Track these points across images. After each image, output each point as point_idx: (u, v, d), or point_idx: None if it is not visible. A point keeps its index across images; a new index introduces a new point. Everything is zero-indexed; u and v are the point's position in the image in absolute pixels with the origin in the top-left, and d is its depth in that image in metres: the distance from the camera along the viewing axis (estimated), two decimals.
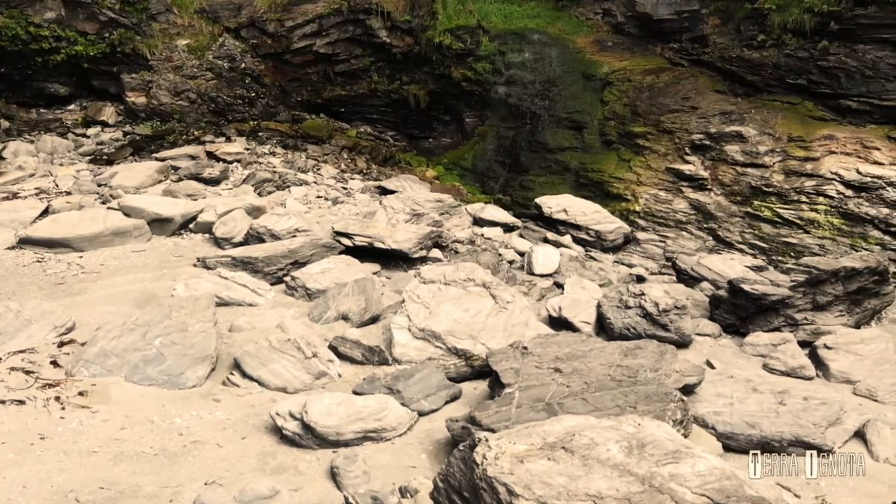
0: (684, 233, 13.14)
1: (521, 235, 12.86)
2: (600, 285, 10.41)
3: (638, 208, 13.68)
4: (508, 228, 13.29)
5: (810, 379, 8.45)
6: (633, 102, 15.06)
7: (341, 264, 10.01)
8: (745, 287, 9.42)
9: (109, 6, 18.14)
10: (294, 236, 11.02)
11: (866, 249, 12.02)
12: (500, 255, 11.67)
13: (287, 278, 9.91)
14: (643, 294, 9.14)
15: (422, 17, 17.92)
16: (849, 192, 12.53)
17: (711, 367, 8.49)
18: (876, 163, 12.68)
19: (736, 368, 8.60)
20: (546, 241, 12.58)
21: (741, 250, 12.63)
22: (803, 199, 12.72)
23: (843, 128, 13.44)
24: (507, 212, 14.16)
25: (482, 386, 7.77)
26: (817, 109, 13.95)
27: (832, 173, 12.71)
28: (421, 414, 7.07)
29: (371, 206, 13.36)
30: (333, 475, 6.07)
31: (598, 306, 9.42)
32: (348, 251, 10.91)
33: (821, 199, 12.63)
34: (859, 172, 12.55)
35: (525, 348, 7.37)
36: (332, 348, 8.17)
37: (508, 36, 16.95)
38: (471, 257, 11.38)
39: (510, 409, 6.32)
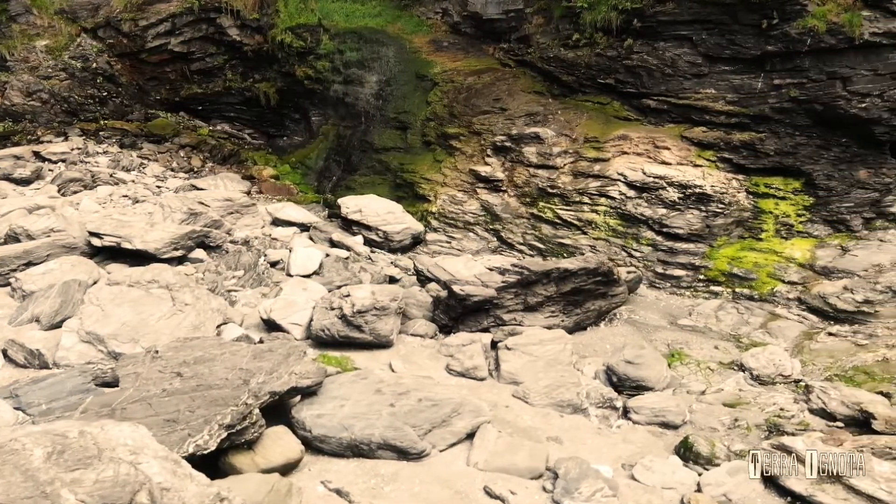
0: (471, 234, 13.11)
1: (310, 237, 12.83)
2: (336, 287, 10.34)
3: (434, 209, 13.64)
4: (305, 228, 13.25)
5: (482, 380, 8.44)
6: (452, 103, 15.02)
7: (67, 265, 9.96)
8: (455, 288, 9.40)
9: None
10: (48, 236, 10.97)
11: (636, 250, 12.01)
12: (265, 255, 11.62)
13: (12, 279, 9.88)
14: (349, 295, 9.11)
15: (269, 15, 17.86)
16: (631, 193, 12.49)
17: (392, 369, 8.48)
18: (664, 163, 12.64)
19: (420, 369, 8.58)
20: (332, 241, 12.55)
21: (521, 251, 12.61)
22: (586, 200, 12.68)
23: (641, 127, 13.39)
24: (310, 211, 14.15)
25: None
26: (623, 109, 13.91)
27: (618, 174, 12.66)
28: None
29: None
30: None
31: (314, 308, 9.39)
32: (101, 251, 10.89)
33: (603, 200, 12.59)
34: (644, 173, 12.51)
35: (156, 352, 7.35)
36: (3, 351, 8.14)
37: (348, 35, 16.91)
38: (233, 258, 11.36)
39: (73, 415, 6.30)
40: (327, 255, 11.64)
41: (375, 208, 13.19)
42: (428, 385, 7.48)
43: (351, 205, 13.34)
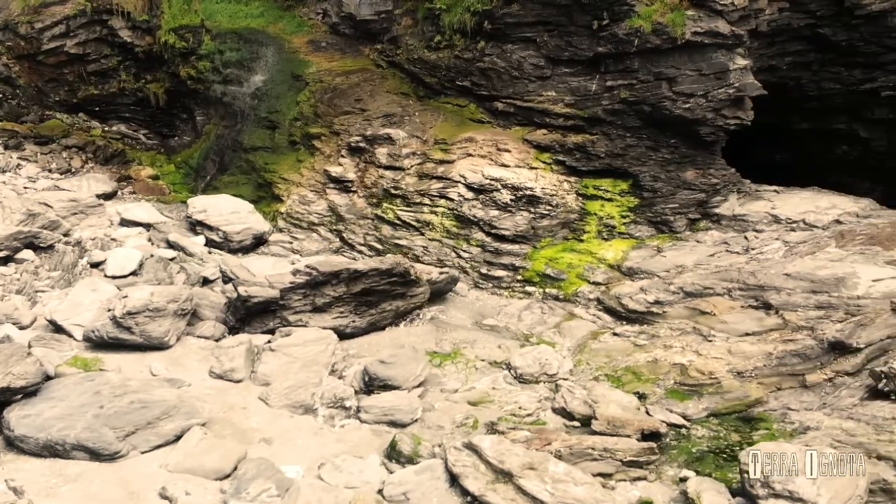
0: (315, 234, 13.19)
1: (149, 238, 12.90)
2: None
3: (283, 210, 13.73)
4: (151, 228, 13.32)
5: (239, 381, 8.52)
6: (317, 104, 15.09)
7: None
8: (240, 289, 9.48)
9: None
10: None
11: (465, 251, 12.08)
12: (89, 255, 11.71)
13: None
14: (126, 296, 9.19)
15: (158, 16, 17.93)
16: (469, 195, 12.54)
17: (152, 372, 8.55)
18: (503, 165, 12.69)
19: (183, 371, 8.67)
20: (168, 242, 12.62)
21: (361, 252, 12.68)
22: (426, 201, 12.74)
23: (488, 130, 13.44)
24: (172, 211, 14.26)
25: None
26: (478, 111, 13.96)
27: (460, 176, 12.71)
28: None
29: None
30: None
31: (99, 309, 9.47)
32: None
33: (442, 201, 12.65)
34: (483, 175, 12.55)
35: None
36: None
37: (229, 35, 16.98)
38: (57, 258, 11.47)
39: None
40: (151, 256, 11.69)
41: (221, 208, 13.27)
42: (151, 387, 7.57)
43: (198, 204, 13.43)
